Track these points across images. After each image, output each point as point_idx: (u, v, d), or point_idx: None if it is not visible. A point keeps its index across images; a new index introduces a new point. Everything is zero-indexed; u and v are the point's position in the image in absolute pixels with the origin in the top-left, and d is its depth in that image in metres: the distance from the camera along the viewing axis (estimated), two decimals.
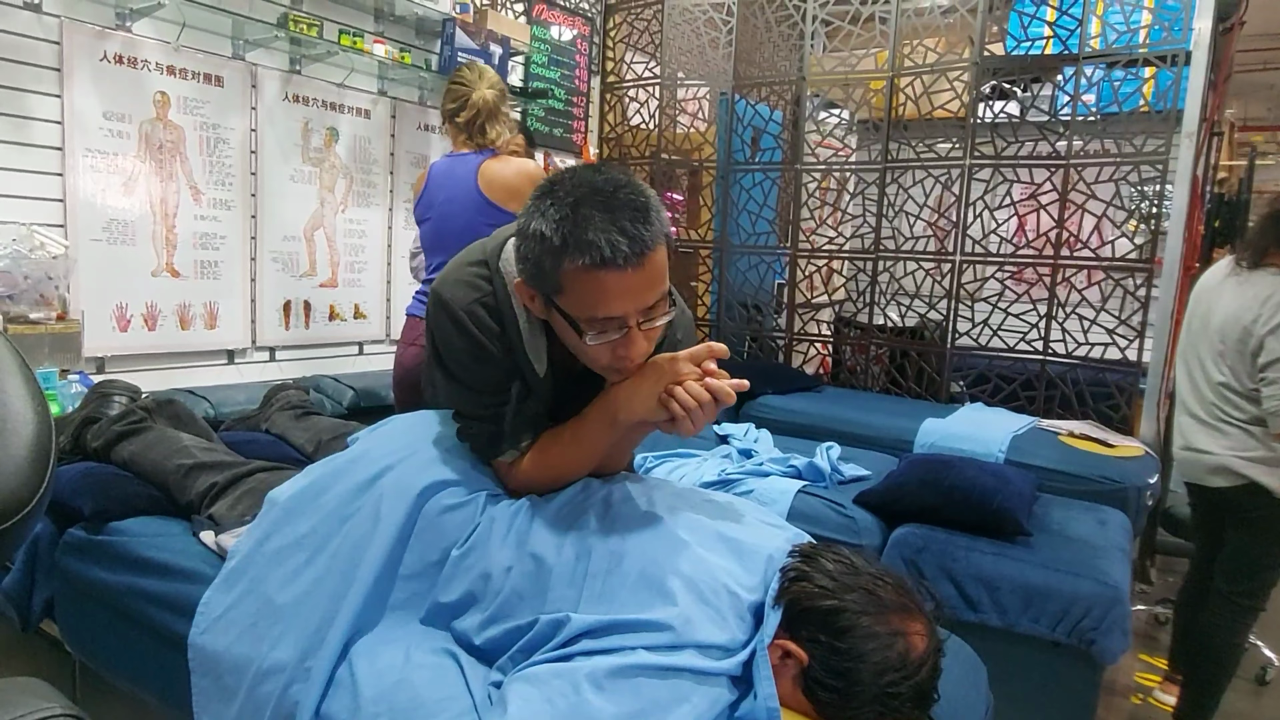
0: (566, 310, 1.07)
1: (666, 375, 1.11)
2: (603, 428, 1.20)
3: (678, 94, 4.44)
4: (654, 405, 1.12)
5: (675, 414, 1.10)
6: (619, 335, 1.08)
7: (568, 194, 1.03)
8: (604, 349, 1.09)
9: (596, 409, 1.20)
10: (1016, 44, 3.62)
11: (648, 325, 1.09)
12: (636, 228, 1.01)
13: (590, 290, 1.03)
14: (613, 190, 1.02)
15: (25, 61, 2.41)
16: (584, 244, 1.00)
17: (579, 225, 1.00)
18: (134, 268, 2.71)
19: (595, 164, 1.10)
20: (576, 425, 1.23)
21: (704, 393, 1.09)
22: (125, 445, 1.80)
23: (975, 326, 3.69)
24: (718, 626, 1.03)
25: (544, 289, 1.08)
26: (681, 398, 1.09)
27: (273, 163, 3.08)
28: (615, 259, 0.99)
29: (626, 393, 1.15)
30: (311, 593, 1.16)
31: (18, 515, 0.60)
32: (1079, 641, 1.93)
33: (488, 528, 1.18)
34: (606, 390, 1.19)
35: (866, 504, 2.33)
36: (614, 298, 1.04)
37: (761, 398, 3.53)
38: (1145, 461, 2.87)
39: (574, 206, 1.01)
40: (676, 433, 1.12)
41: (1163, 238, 3.22)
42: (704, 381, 1.10)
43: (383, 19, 3.41)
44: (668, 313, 1.11)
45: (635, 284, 1.03)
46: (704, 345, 1.13)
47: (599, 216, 1.00)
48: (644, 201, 1.03)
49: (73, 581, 1.61)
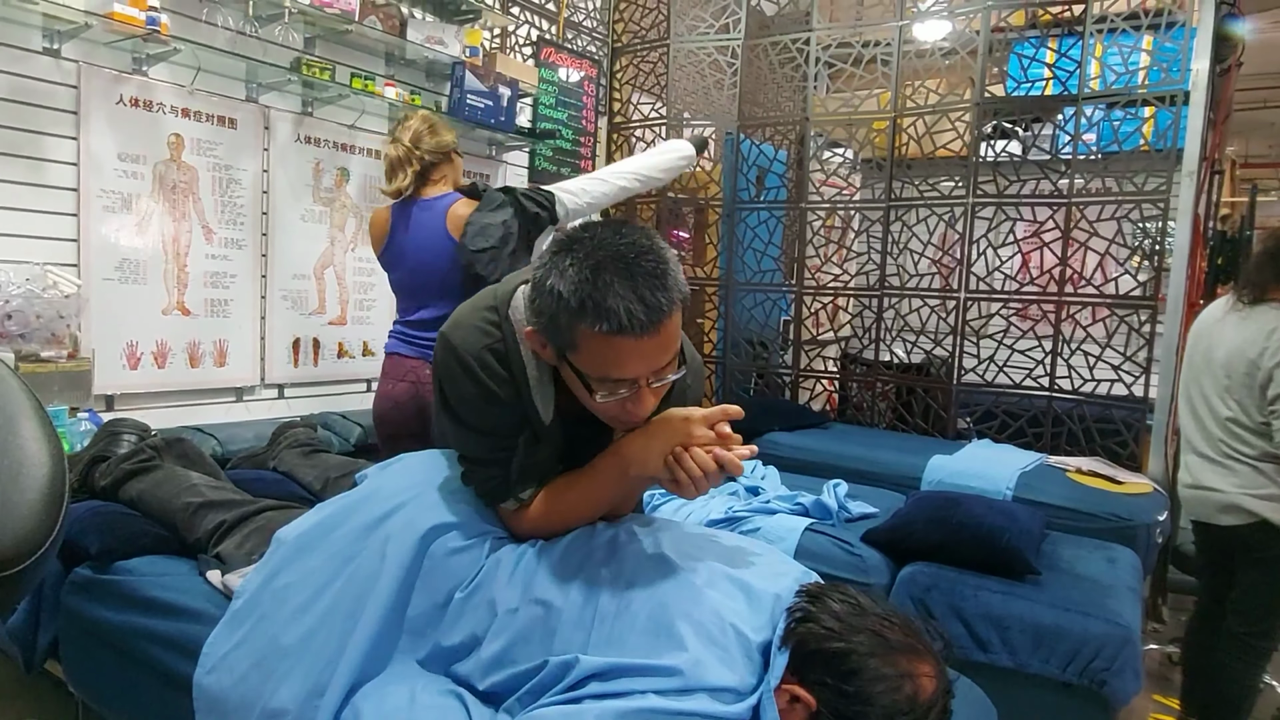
0: (578, 367, 1.09)
1: (679, 436, 1.12)
2: (613, 480, 1.21)
3: (683, 134, 4.50)
4: (661, 464, 1.13)
5: (680, 480, 1.11)
6: (628, 393, 1.09)
7: (588, 255, 1.03)
8: (612, 404, 1.11)
9: (607, 461, 1.21)
10: (1017, 85, 3.67)
11: (657, 384, 1.10)
12: (656, 296, 1.01)
13: (604, 353, 1.05)
14: (635, 257, 1.03)
15: (43, 105, 2.47)
16: (603, 310, 1.00)
17: (598, 290, 1.01)
18: (145, 306, 2.74)
19: (617, 223, 1.10)
20: (585, 475, 1.24)
21: (711, 463, 1.10)
22: (133, 484, 1.81)
23: (981, 363, 3.69)
24: (728, 668, 1.02)
25: (557, 343, 1.09)
26: (689, 466, 1.11)
27: (284, 202, 3.12)
28: (632, 327, 1.00)
29: (639, 448, 1.16)
30: (317, 633, 1.16)
31: (31, 558, 0.60)
32: (1090, 682, 1.91)
33: (492, 570, 1.18)
34: (618, 443, 1.20)
35: (874, 542, 2.31)
36: (627, 362, 1.05)
37: (768, 434, 3.53)
38: (1154, 498, 2.85)
39: (595, 270, 1.02)
40: (679, 494, 1.13)
41: (1166, 274, 3.23)
42: (713, 453, 1.11)
43: (393, 62, 3.47)
44: (678, 370, 1.13)
45: (649, 349, 1.05)
46: (719, 408, 1.14)
47: (619, 283, 1.01)
48: (663, 269, 1.04)
49: (77, 621, 1.60)
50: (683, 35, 4.31)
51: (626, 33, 4.62)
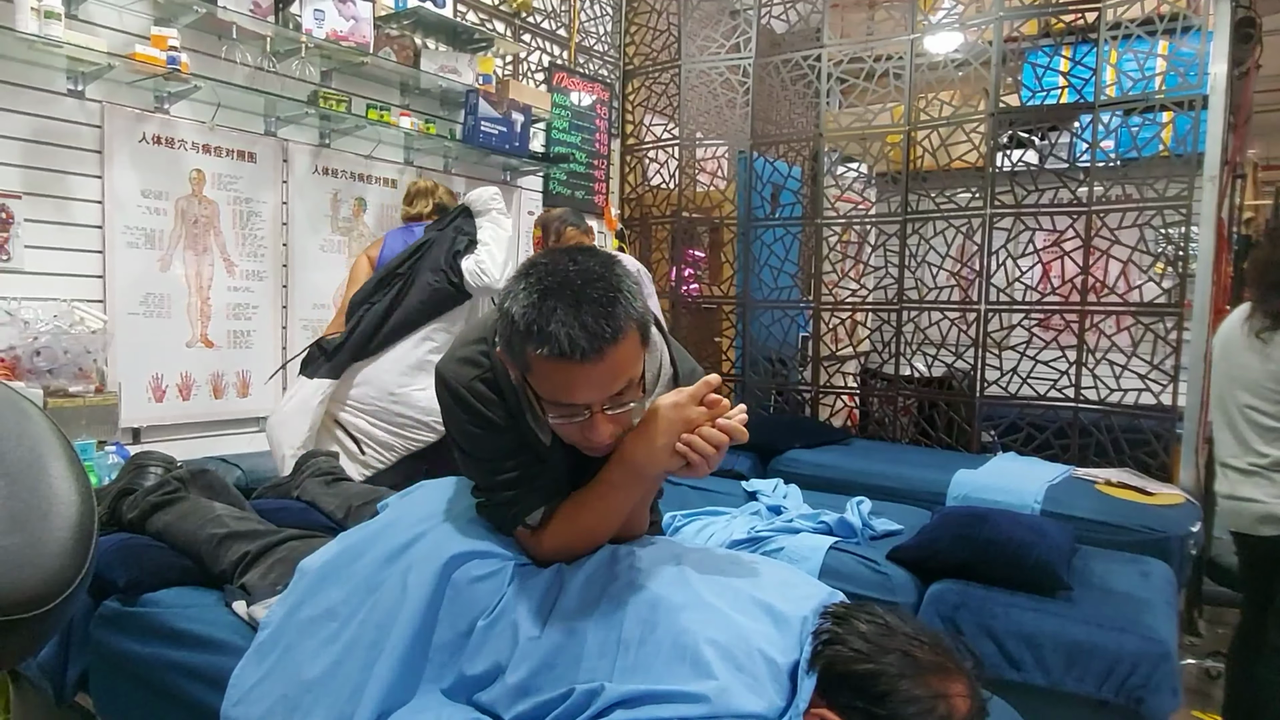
0: (535, 389, 1.11)
1: (678, 424, 1.13)
2: (625, 486, 1.21)
3: (696, 154, 4.52)
4: (671, 455, 1.13)
5: (693, 461, 1.12)
6: (582, 419, 1.10)
7: (539, 280, 1.05)
8: (571, 429, 1.12)
9: (615, 470, 1.21)
10: (1031, 94, 3.65)
11: (614, 410, 1.10)
12: (599, 323, 1.02)
13: (553, 378, 1.06)
14: (582, 284, 1.04)
15: (68, 145, 2.52)
16: (545, 335, 1.02)
17: (542, 315, 1.02)
18: (169, 339, 2.77)
19: (576, 249, 1.11)
20: (596, 489, 1.24)
21: (721, 437, 1.11)
22: (159, 516, 1.82)
23: (1004, 375, 3.65)
24: (755, 694, 1.01)
25: (517, 364, 1.10)
26: (700, 446, 1.11)
27: (303, 233, 3.16)
28: (573, 354, 1.01)
29: (643, 448, 1.16)
30: (342, 664, 1.16)
31: (62, 595, 0.61)
32: (1127, 700, 1.86)
33: (515, 597, 1.17)
34: (620, 450, 1.19)
35: (900, 560, 2.28)
36: (575, 387, 1.06)
37: (789, 452, 3.50)
38: (1186, 509, 2.80)
39: (542, 295, 1.03)
40: (692, 476, 1.14)
41: (1191, 281, 3.19)
42: (716, 424, 1.12)
43: (408, 92, 3.52)
44: (638, 397, 1.13)
45: (595, 376, 1.05)
46: (701, 382, 1.14)
47: (562, 309, 1.02)
48: (611, 296, 1.04)
49: (106, 654, 1.61)
50: (694, 56, 4.34)
51: (638, 55, 4.66)
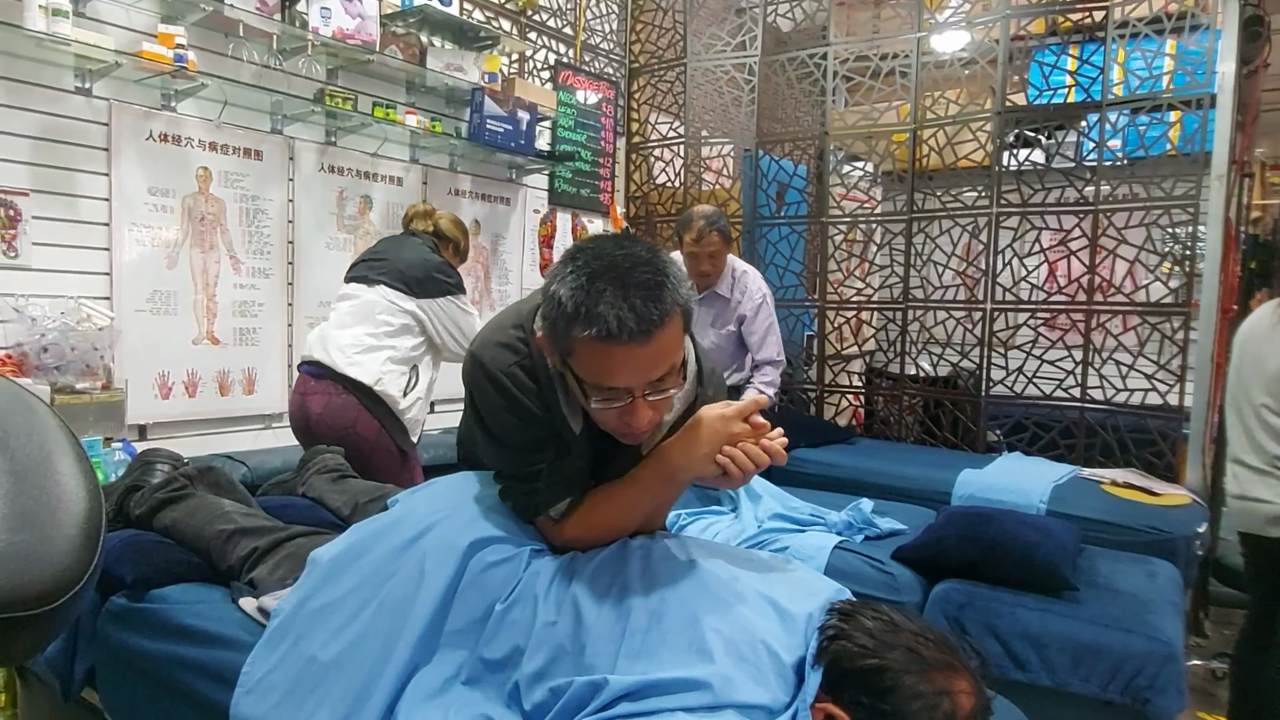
0: (577, 372, 1.12)
1: (722, 436, 1.17)
2: (656, 486, 1.24)
3: (702, 152, 4.52)
4: (709, 464, 1.17)
5: (731, 473, 1.16)
6: (623, 404, 1.11)
7: (587, 264, 1.07)
8: (610, 414, 1.13)
9: (651, 469, 1.23)
10: (1038, 93, 3.64)
11: (655, 396, 1.12)
12: (647, 306, 1.04)
13: (597, 360, 1.07)
14: (630, 267, 1.06)
15: (76, 143, 2.53)
16: (593, 316, 1.04)
17: (591, 297, 1.04)
18: (176, 336, 2.78)
19: (620, 236, 1.15)
20: (625, 484, 1.26)
21: (764, 456, 1.16)
22: (167, 512, 1.82)
23: (1010, 374, 3.65)
24: (759, 685, 1.01)
25: (559, 349, 1.12)
26: (741, 461, 1.16)
27: (309, 231, 3.17)
28: (620, 335, 1.03)
29: (683, 453, 1.19)
30: (356, 650, 1.17)
31: (70, 592, 0.61)
32: (1132, 701, 1.86)
33: (531, 582, 1.19)
34: (660, 450, 1.23)
35: (905, 559, 2.28)
36: (618, 370, 1.08)
37: (794, 451, 3.50)
38: (1193, 510, 2.79)
39: (590, 278, 1.06)
40: (724, 486, 1.19)
41: (1198, 280, 3.18)
42: (760, 443, 1.17)
43: (414, 90, 3.52)
44: (679, 384, 1.15)
45: (640, 359, 1.07)
46: (750, 400, 1.19)
47: (611, 291, 1.04)
48: (659, 280, 1.06)
49: (114, 650, 1.62)
50: (699, 54, 4.34)
51: (643, 53, 4.65)
